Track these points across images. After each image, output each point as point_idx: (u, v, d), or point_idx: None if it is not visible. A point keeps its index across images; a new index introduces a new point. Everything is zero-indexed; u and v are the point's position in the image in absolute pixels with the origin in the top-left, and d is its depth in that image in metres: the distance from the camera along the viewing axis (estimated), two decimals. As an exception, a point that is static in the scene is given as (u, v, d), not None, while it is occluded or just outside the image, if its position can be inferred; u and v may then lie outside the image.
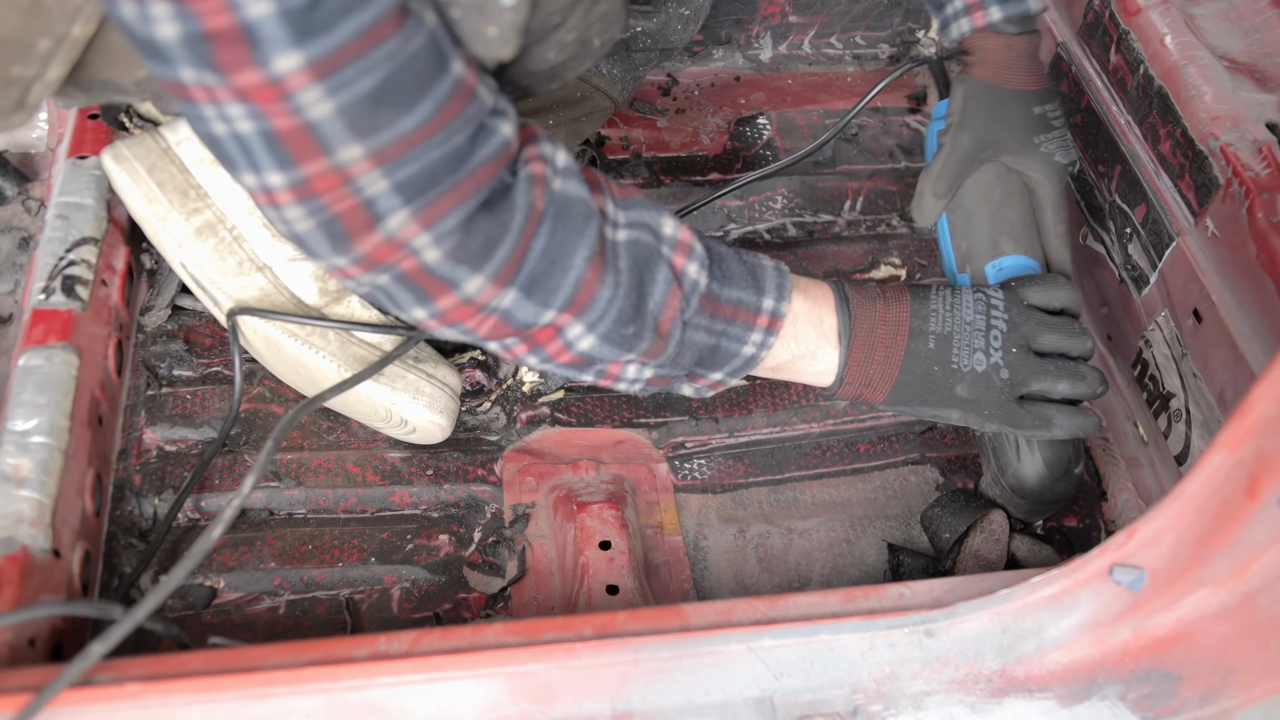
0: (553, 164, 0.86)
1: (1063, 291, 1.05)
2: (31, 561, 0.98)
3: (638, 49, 1.31)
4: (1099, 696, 0.92)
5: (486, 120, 0.80)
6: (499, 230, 0.82)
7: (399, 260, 0.81)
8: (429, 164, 0.76)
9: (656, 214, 0.92)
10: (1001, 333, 1.01)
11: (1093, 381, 1.03)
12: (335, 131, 0.72)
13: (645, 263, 0.90)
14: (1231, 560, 0.85)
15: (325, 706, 0.85)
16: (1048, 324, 1.03)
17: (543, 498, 1.23)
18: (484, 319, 0.87)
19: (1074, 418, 1.03)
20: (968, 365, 1.00)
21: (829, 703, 0.90)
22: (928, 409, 1.03)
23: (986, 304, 1.02)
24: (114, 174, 1.22)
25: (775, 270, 0.99)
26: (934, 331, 1.00)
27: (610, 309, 0.89)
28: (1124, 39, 1.30)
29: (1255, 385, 0.79)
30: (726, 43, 1.68)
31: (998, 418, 1.02)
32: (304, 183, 0.75)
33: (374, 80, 0.71)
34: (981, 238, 1.12)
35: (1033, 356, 1.02)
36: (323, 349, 1.19)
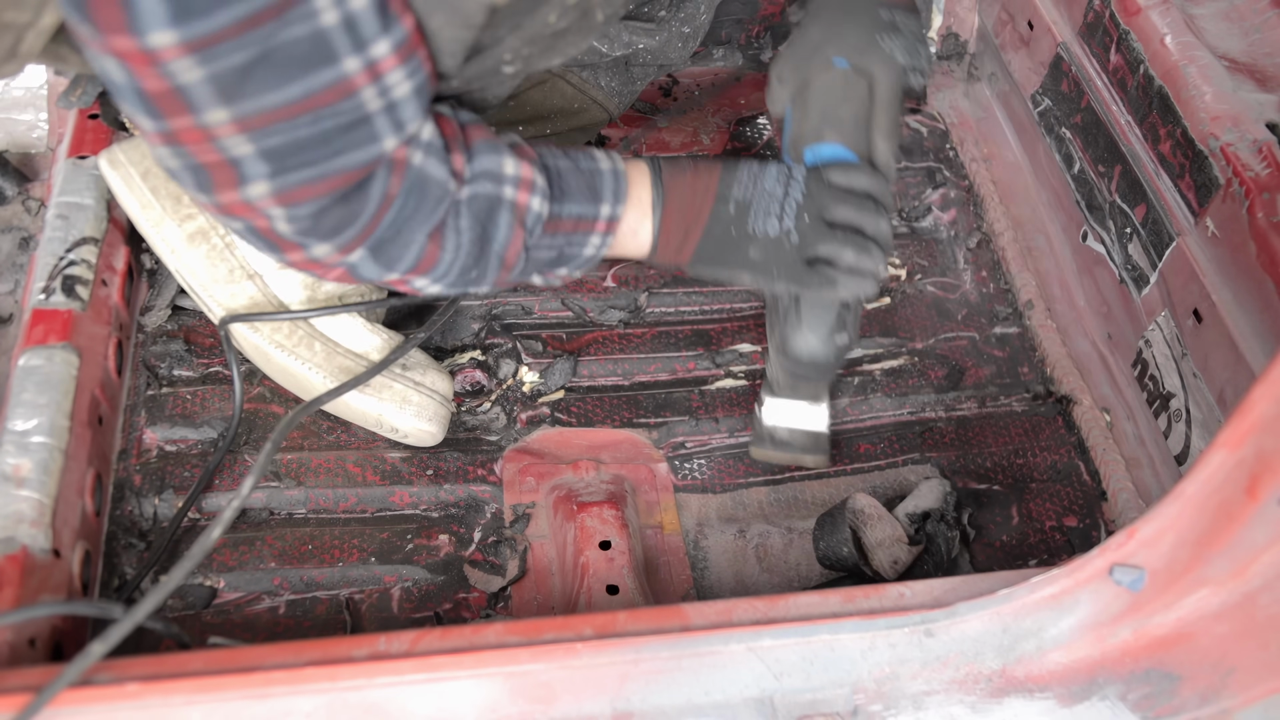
0: (417, 139, 0.89)
1: (864, 177, 1.08)
2: (31, 561, 0.98)
3: (637, 64, 1.32)
4: (1099, 696, 0.92)
5: (373, 122, 0.83)
6: (350, 217, 0.88)
7: (253, 218, 0.87)
8: (296, 138, 0.80)
9: (498, 155, 0.95)
10: (797, 202, 1.06)
11: (878, 257, 1.07)
12: (203, 95, 0.75)
13: (488, 213, 0.95)
14: (1231, 560, 0.85)
15: (325, 706, 0.85)
16: (841, 198, 1.07)
17: (543, 498, 1.23)
18: (329, 270, 0.94)
19: (857, 280, 1.07)
20: (761, 230, 1.05)
21: (829, 702, 0.90)
22: (724, 270, 1.08)
23: (788, 177, 1.08)
24: (109, 178, 1.22)
25: (612, 174, 1.04)
26: (735, 198, 1.06)
27: (453, 267, 0.96)
28: (1124, 39, 1.30)
29: (1255, 385, 0.79)
30: (726, 43, 1.68)
31: (785, 277, 1.07)
32: (170, 133, 0.79)
33: (246, 56, 0.74)
34: (810, 126, 1.15)
35: (824, 225, 1.06)
36: (308, 360, 1.19)
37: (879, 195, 1.09)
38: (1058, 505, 1.26)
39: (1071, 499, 1.27)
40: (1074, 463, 1.30)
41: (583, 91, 1.30)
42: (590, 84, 1.30)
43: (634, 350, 1.37)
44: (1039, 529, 1.24)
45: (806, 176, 1.08)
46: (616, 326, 1.39)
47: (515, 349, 1.34)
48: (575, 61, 1.27)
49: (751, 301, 1.42)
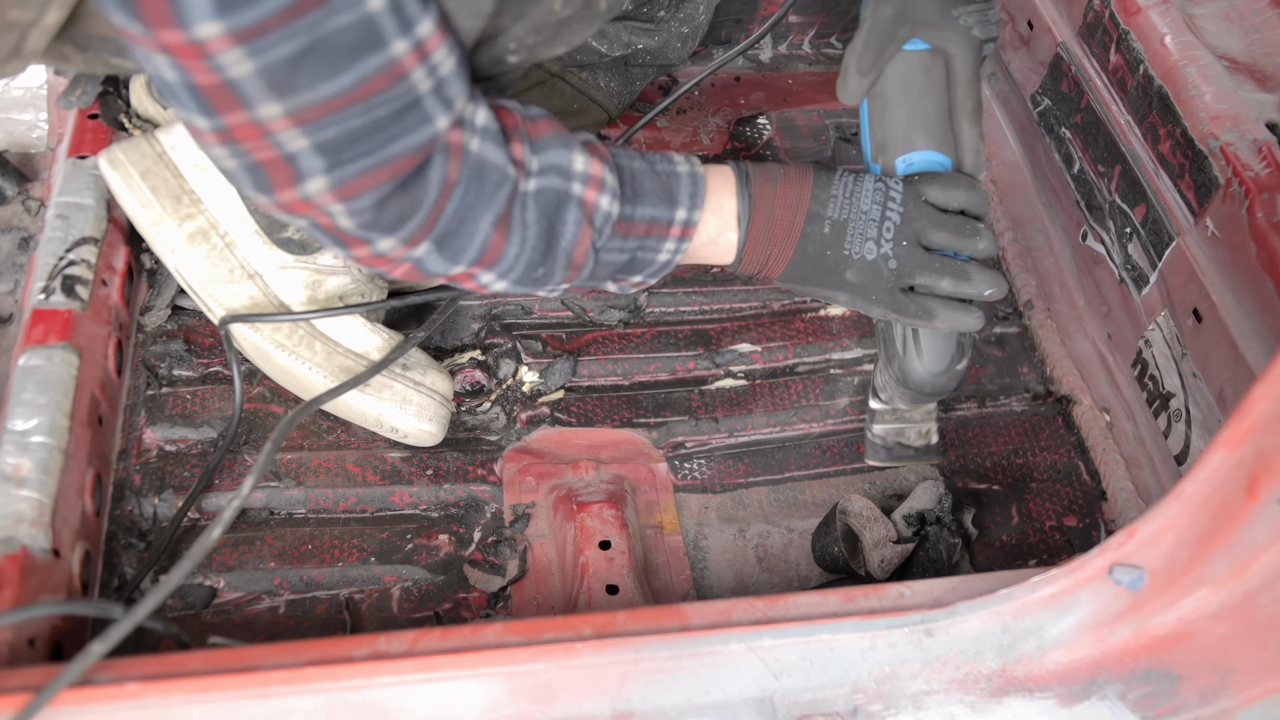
0: (472, 125, 0.88)
1: (962, 192, 1.06)
2: (31, 561, 0.98)
3: (636, 64, 1.31)
4: (1099, 696, 0.92)
5: (422, 100, 0.82)
6: (412, 207, 0.86)
7: (316, 215, 0.85)
8: (349, 130, 0.79)
9: (568, 151, 0.94)
10: (894, 225, 1.03)
11: (978, 282, 1.04)
12: (254, 89, 0.75)
13: (555, 209, 0.93)
14: (1231, 560, 0.85)
15: (325, 706, 0.85)
16: (940, 222, 1.04)
17: (543, 498, 1.23)
18: (397, 266, 0.92)
19: (956, 313, 1.04)
20: (858, 253, 1.03)
21: (829, 702, 0.90)
22: (819, 289, 1.06)
23: (885, 195, 1.04)
24: (109, 178, 1.22)
25: (690, 178, 1.01)
26: (830, 217, 1.03)
27: (519, 261, 0.94)
28: (1124, 39, 1.30)
29: (1255, 385, 0.79)
30: (726, 43, 1.68)
31: (883, 304, 1.04)
32: (226, 130, 0.78)
33: (294, 46, 0.73)
34: (896, 129, 1.11)
35: (921, 251, 1.04)
36: (309, 360, 1.19)
37: (975, 209, 1.06)
38: (1058, 505, 1.26)
39: (1071, 499, 1.27)
40: (1074, 463, 1.30)
41: (582, 92, 1.30)
42: (590, 84, 1.30)
43: (634, 350, 1.37)
44: (1039, 529, 1.24)
45: (904, 195, 1.05)
46: (616, 326, 1.39)
47: (515, 349, 1.34)
48: (575, 62, 1.27)
49: (751, 302, 1.42)
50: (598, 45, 1.26)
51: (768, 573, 1.20)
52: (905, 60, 1.11)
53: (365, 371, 1.17)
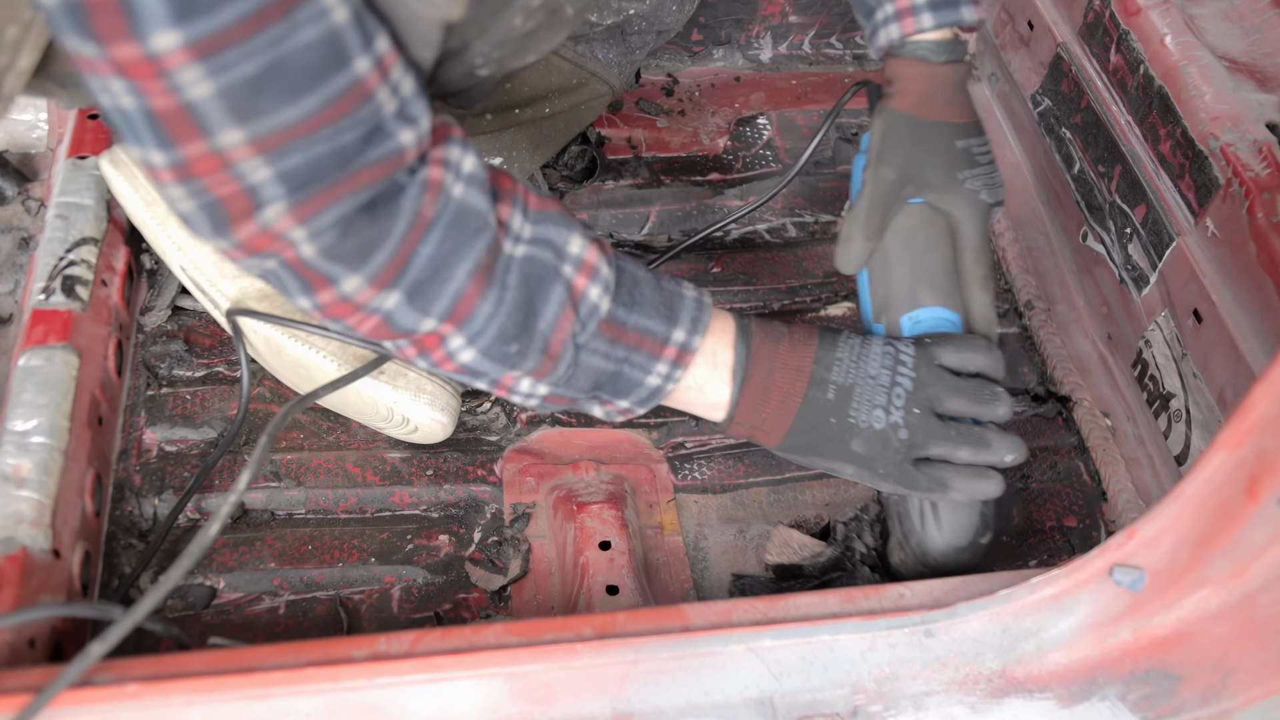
0: (456, 169, 0.84)
1: (979, 355, 1.00)
2: (31, 562, 0.98)
3: (632, 32, 1.29)
4: (1099, 697, 0.92)
5: (385, 123, 0.78)
6: (378, 235, 0.81)
7: (279, 249, 0.80)
8: (314, 157, 0.75)
9: (566, 231, 0.89)
10: (906, 391, 0.97)
11: (999, 449, 0.98)
12: (214, 114, 0.71)
13: (539, 281, 0.87)
14: (1231, 560, 0.85)
15: (325, 706, 0.85)
16: (956, 388, 0.98)
17: (543, 498, 1.23)
18: (365, 318, 0.86)
19: (973, 481, 0.98)
20: (865, 421, 0.96)
21: (829, 703, 0.90)
22: (821, 460, 0.99)
23: (895, 359, 0.98)
24: (111, 178, 1.22)
25: (695, 302, 0.95)
26: (835, 382, 0.96)
27: (490, 325, 0.87)
28: (1124, 39, 1.30)
29: (1255, 385, 0.79)
30: (726, 43, 1.68)
31: (892, 477, 0.98)
32: (184, 164, 0.74)
33: (256, 66, 0.70)
34: (900, 286, 1.06)
35: (935, 419, 0.97)
36: (323, 348, 1.19)
37: (994, 372, 1.01)
38: (1058, 505, 1.26)
39: (1071, 499, 1.27)
40: (1074, 463, 1.30)
41: (580, 66, 1.27)
42: (587, 57, 1.27)
43: (634, 350, 1.37)
44: (1039, 529, 1.24)
45: (915, 359, 0.98)
46: (616, 327, 1.39)
47: (515, 349, 1.34)
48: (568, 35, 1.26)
49: (751, 302, 1.42)
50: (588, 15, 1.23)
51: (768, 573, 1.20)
52: (906, 214, 1.06)
53: (372, 361, 1.15)
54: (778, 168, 1.56)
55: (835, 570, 1.16)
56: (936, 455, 0.98)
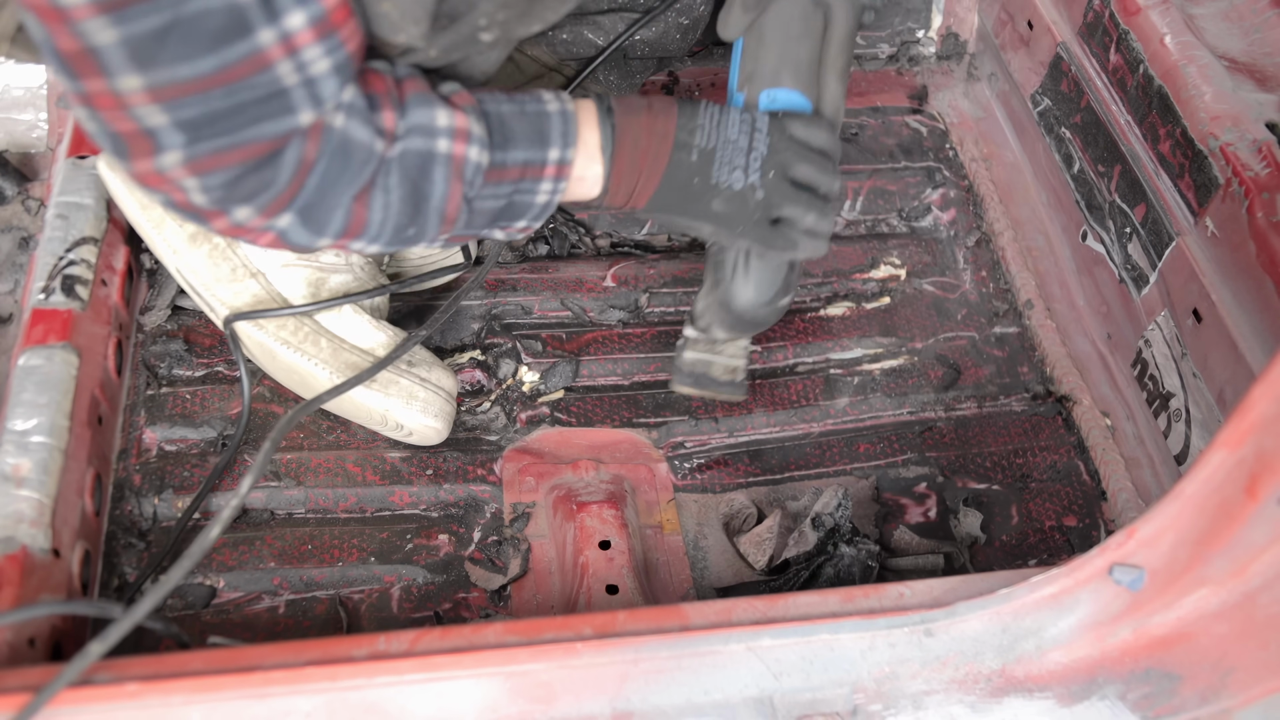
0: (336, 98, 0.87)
1: (824, 133, 1.07)
2: (31, 561, 0.98)
3: (635, 56, 1.31)
4: (1099, 696, 0.92)
5: (288, 93, 0.82)
6: (263, 185, 0.86)
7: (170, 190, 0.86)
8: (210, 110, 0.80)
9: (430, 109, 0.93)
10: (762, 155, 1.03)
11: (831, 218, 1.07)
12: (116, 59, 0.76)
13: (419, 171, 0.93)
14: (1231, 560, 0.85)
15: (325, 706, 0.85)
16: (806, 156, 1.05)
17: (542, 497, 1.23)
18: (260, 235, 0.92)
19: (813, 241, 1.06)
20: (726, 182, 1.02)
21: (829, 702, 0.90)
22: (684, 219, 1.05)
23: (751, 126, 1.04)
24: (109, 181, 1.22)
25: (560, 116, 1.00)
26: (698, 145, 1.02)
27: (385, 226, 0.94)
28: (1124, 39, 1.30)
29: (1255, 385, 0.79)
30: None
31: (749, 234, 1.05)
32: (86, 95, 0.79)
33: (159, 20, 0.74)
34: (767, 64, 1.12)
35: (788, 184, 1.04)
36: (315, 356, 1.19)
37: (834, 153, 1.08)
38: (1057, 505, 1.26)
39: (1071, 499, 1.27)
40: (1074, 462, 1.30)
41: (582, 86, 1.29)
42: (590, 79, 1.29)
43: (634, 350, 1.37)
44: (1039, 529, 1.24)
45: (770, 126, 1.05)
46: (616, 326, 1.39)
47: (515, 349, 1.34)
48: (571, 55, 1.26)
49: (751, 301, 1.42)
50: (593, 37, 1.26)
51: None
52: (789, 2, 1.12)
53: (369, 368, 1.17)
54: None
55: (820, 555, 1.16)
56: (787, 216, 1.05)
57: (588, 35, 1.26)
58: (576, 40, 1.26)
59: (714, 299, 1.16)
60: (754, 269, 1.12)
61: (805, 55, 1.12)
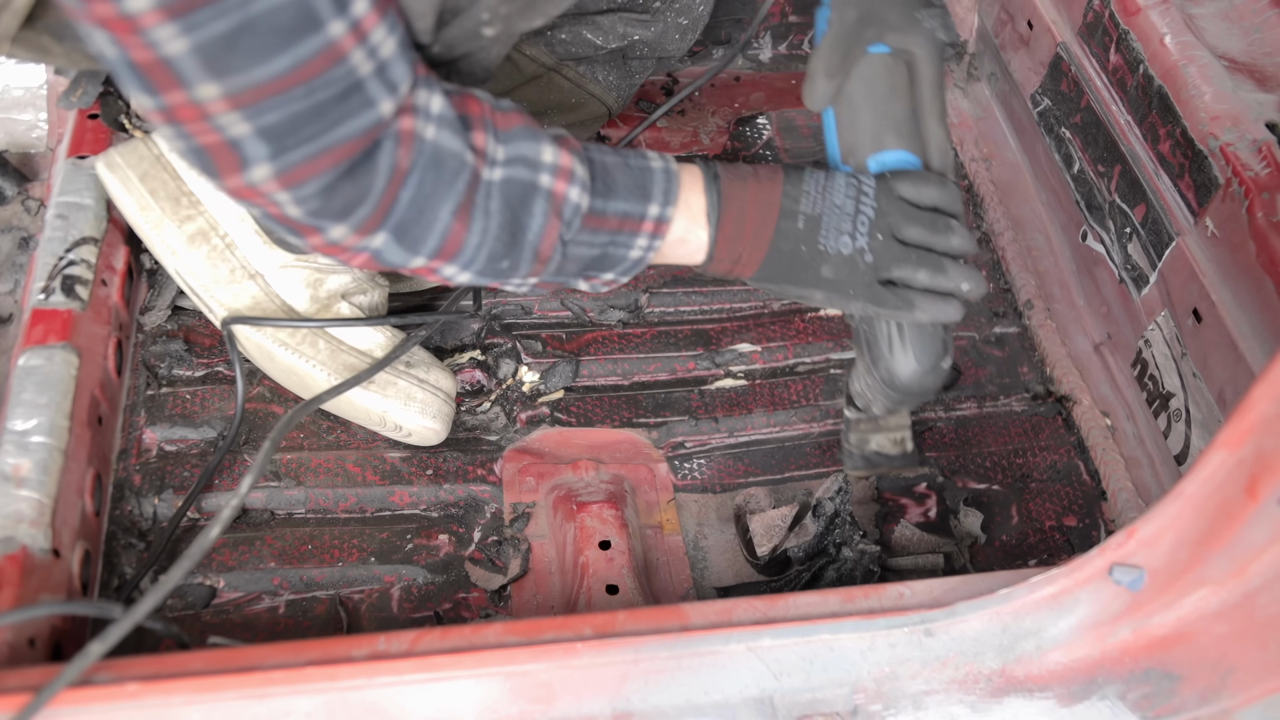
0: (426, 112, 0.87)
1: (934, 188, 1.05)
2: (31, 561, 0.98)
3: (635, 57, 1.31)
4: (1099, 696, 0.92)
5: (364, 84, 0.81)
6: (359, 194, 0.85)
7: (264, 204, 0.85)
8: (292, 114, 0.78)
9: (536, 143, 0.93)
10: (869, 219, 1.02)
11: (955, 275, 1.03)
12: (191, 68, 0.74)
13: (520, 200, 0.92)
14: (1231, 560, 0.85)
15: (325, 706, 0.85)
16: (914, 216, 1.03)
17: (542, 497, 1.23)
18: (354, 255, 0.91)
19: (937, 303, 1.03)
20: (834, 247, 1.02)
21: (829, 702, 0.90)
22: (794, 288, 1.04)
23: (858, 190, 1.03)
24: (107, 182, 1.22)
25: (663, 173, 1.00)
26: (804, 212, 1.02)
27: (480, 252, 0.93)
28: (1124, 39, 1.30)
29: (1255, 385, 0.79)
30: (726, 43, 1.68)
31: (862, 297, 1.03)
32: (167, 110, 0.78)
33: (228, 24, 0.73)
34: (866, 131, 1.10)
35: (896, 244, 1.02)
36: (312, 358, 1.19)
37: (948, 206, 1.05)
38: (1057, 505, 1.27)
39: (1071, 499, 1.27)
40: (1074, 462, 1.30)
41: (580, 86, 1.29)
42: (587, 78, 1.29)
43: (634, 350, 1.37)
44: (1039, 529, 1.24)
45: (876, 190, 1.04)
46: (616, 326, 1.39)
47: (515, 349, 1.34)
48: (570, 55, 1.26)
49: (751, 301, 1.42)
50: (592, 37, 1.25)
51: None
52: (869, 63, 1.10)
53: (368, 369, 1.17)
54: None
55: (820, 556, 1.16)
56: (899, 277, 1.03)
57: (586, 35, 1.26)
58: (575, 40, 1.26)
59: (873, 379, 1.12)
60: (910, 339, 1.08)
61: (901, 111, 1.10)
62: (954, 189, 1.07)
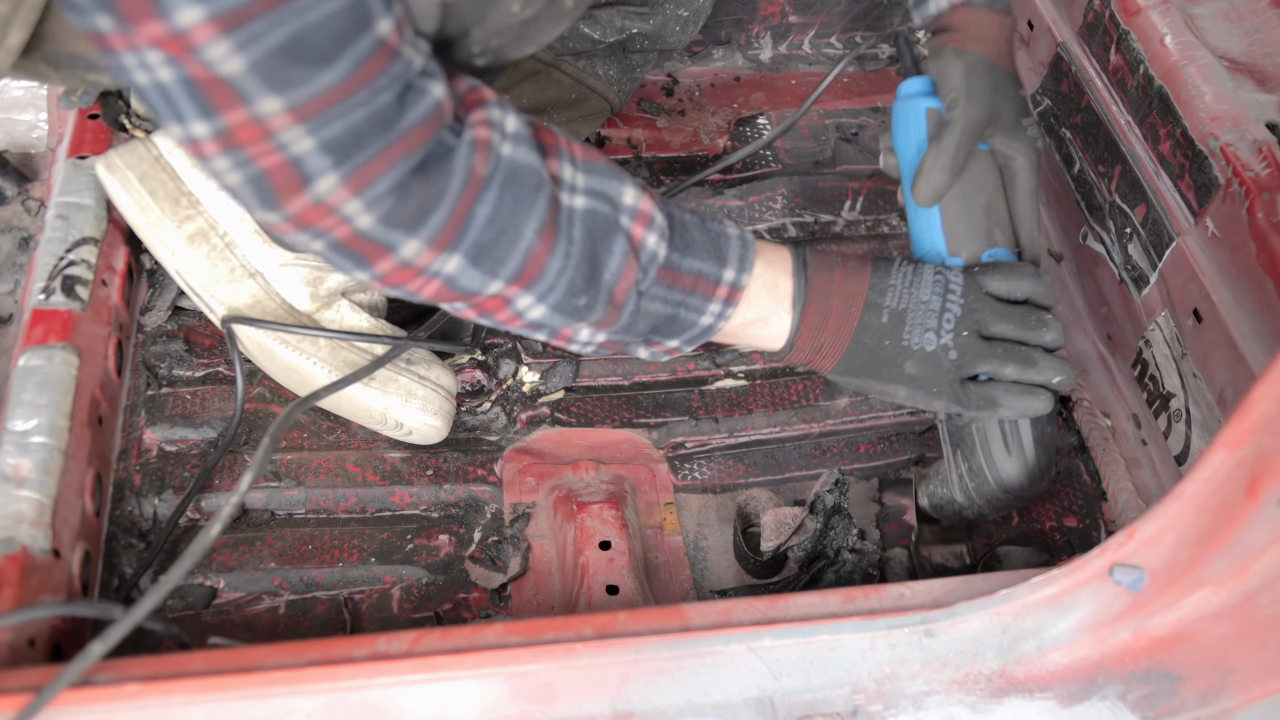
0: (501, 128, 0.85)
1: (1026, 282, 1.04)
2: (31, 561, 0.98)
3: (635, 50, 1.30)
4: (1099, 696, 0.92)
5: (415, 81, 0.79)
6: (435, 195, 0.82)
7: (330, 227, 0.81)
8: (355, 123, 0.76)
9: (618, 182, 0.91)
10: (955, 316, 1.01)
11: (1046, 369, 1.02)
12: (251, 84, 0.72)
13: (601, 234, 0.89)
14: (1231, 560, 0.85)
15: (325, 706, 0.85)
16: (1002, 313, 1.02)
17: (543, 498, 1.23)
18: (426, 282, 0.87)
19: (1021, 398, 1.01)
20: (918, 344, 1.00)
21: (829, 703, 0.90)
22: (876, 383, 1.03)
23: (945, 286, 1.02)
24: (107, 183, 1.22)
25: (739, 240, 0.98)
26: (889, 306, 1.00)
27: (560, 280, 0.89)
28: (1124, 39, 1.30)
29: (1255, 385, 0.79)
30: (726, 43, 1.68)
31: (945, 395, 1.02)
32: (227, 132, 0.75)
33: (284, 34, 0.71)
34: (977, 226, 1.10)
35: (982, 341, 1.01)
36: (313, 355, 1.19)
37: (1041, 299, 1.04)
38: (1058, 505, 1.26)
39: (1071, 499, 1.27)
40: (1074, 463, 1.30)
41: (580, 81, 1.28)
42: (588, 73, 1.28)
43: (634, 350, 1.37)
44: (1039, 529, 1.24)
45: (964, 286, 1.02)
46: (616, 326, 1.39)
47: (515, 349, 1.34)
48: (569, 50, 1.26)
49: (751, 301, 1.42)
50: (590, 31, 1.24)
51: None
52: (980, 159, 1.11)
53: (367, 365, 1.17)
54: (777, 168, 1.56)
55: (818, 559, 1.16)
56: (985, 373, 1.01)
57: (584, 30, 1.25)
58: (573, 36, 1.25)
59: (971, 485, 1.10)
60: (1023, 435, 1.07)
61: (1004, 209, 1.11)
62: (1047, 282, 1.05)
